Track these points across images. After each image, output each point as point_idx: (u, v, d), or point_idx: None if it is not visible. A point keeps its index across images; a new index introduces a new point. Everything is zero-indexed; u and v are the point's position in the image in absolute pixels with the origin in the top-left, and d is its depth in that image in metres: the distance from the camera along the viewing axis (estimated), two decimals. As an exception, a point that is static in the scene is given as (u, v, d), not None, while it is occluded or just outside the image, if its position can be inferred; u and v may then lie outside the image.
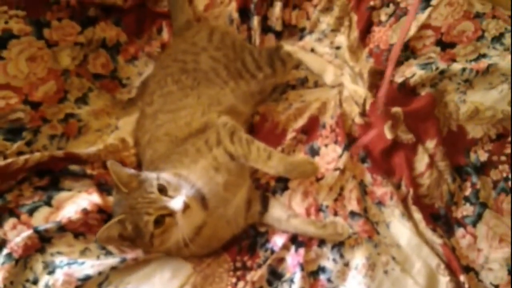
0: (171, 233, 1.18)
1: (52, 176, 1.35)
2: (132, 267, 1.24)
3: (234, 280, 1.27)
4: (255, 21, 1.64)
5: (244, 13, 1.66)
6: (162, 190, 1.18)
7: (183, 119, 1.38)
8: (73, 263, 1.20)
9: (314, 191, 1.39)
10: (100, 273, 1.20)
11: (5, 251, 1.19)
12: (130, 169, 1.27)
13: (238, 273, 1.28)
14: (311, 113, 1.52)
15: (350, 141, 1.47)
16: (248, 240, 1.34)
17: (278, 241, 1.31)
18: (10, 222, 1.25)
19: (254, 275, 1.26)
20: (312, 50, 1.64)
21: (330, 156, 1.45)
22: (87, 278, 1.18)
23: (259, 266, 1.28)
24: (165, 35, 1.65)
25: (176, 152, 1.33)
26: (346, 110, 1.53)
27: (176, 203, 1.16)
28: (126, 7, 1.60)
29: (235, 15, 1.65)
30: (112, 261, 1.22)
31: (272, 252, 1.30)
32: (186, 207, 1.15)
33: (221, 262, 1.30)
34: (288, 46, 1.61)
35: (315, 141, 1.49)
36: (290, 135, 1.49)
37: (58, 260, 1.21)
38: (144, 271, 1.25)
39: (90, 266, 1.20)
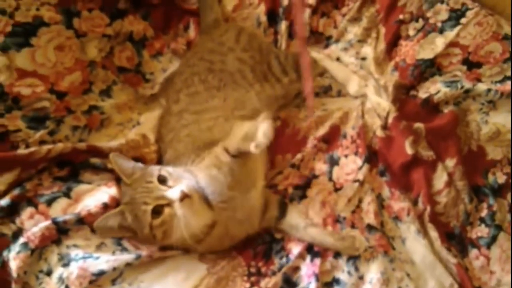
0: (171, 225, 1.16)
1: (72, 168, 1.34)
2: (146, 265, 1.24)
3: (247, 285, 1.26)
4: (283, 25, 1.63)
5: (272, 17, 1.65)
6: (163, 180, 1.18)
7: (206, 122, 1.37)
8: (88, 257, 1.20)
9: (332, 202, 1.39)
10: (114, 269, 1.19)
11: (22, 240, 1.18)
12: (135, 162, 1.29)
13: (252, 278, 1.27)
14: (333, 122, 1.51)
15: (370, 154, 1.46)
16: (264, 245, 1.34)
17: (294, 249, 1.31)
18: (28, 211, 1.24)
19: (268, 282, 1.25)
20: (338, 59, 1.63)
21: (349, 167, 1.45)
22: (101, 273, 1.17)
23: (274, 273, 1.28)
24: (192, 32, 1.64)
25: (193, 153, 1.32)
26: (368, 122, 1.52)
27: (173, 192, 1.15)
28: (155, 1, 1.59)
29: (263, 18, 1.63)
30: (127, 257, 1.21)
31: (288, 260, 1.29)
32: (184, 196, 1.13)
33: (236, 266, 1.29)
34: (314, 53, 1.61)
35: (335, 150, 1.48)
36: (311, 143, 1.48)
37: (73, 253, 1.20)
38: (159, 270, 1.24)
39: (105, 261, 1.19)
